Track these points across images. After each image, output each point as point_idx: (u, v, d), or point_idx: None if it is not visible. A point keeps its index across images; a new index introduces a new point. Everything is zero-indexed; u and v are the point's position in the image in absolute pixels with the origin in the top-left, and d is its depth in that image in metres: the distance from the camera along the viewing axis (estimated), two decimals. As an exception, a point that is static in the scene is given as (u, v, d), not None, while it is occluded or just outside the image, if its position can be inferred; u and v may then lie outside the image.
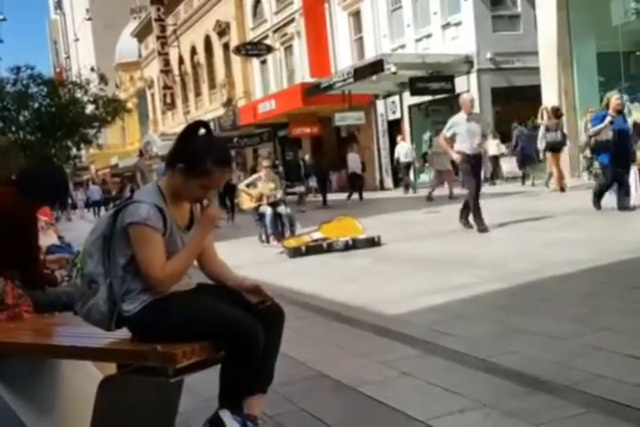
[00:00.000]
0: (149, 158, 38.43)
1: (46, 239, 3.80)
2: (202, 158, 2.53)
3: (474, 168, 9.00)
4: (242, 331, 2.42)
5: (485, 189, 17.42)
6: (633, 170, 11.68)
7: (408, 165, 20.27)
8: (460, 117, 9.14)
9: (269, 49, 29.94)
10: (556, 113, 14.27)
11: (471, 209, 8.91)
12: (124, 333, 2.56)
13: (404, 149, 20.07)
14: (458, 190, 14.80)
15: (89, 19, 56.20)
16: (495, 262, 6.42)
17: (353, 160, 19.97)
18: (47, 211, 5.36)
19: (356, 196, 19.41)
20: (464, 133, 8.93)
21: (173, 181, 2.58)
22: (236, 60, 32.80)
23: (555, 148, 13.84)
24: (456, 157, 8.98)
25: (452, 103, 22.38)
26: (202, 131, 2.62)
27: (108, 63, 47.43)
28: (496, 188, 17.79)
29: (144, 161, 36.45)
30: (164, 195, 2.57)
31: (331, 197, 19.92)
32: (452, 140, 9.17)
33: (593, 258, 5.98)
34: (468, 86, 20.68)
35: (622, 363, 3.24)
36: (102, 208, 28.97)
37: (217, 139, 2.86)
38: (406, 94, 22.28)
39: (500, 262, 6.37)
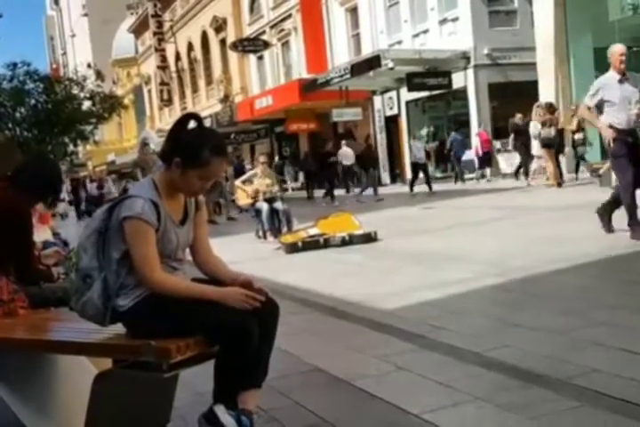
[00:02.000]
0: (146, 154, 38.35)
1: (40, 235, 3.80)
2: (198, 149, 2.54)
3: (631, 149, 6.49)
4: (236, 326, 2.42)
5: (480, 184, 17.60)
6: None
7: (350, 168, 20.94)
8: (610, 78, 6.62)
9: (266, 45, 29.90)
10: (550, 109, 14.30)
11: (625, 206, 6.57)
12: (118, 328, 2.57)
13: (347, 153, 20.27)
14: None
15: (85, 15, 56.05)
16: (491, 258, 6.43)
17: (417, 149, 18.13)
18: (47, 216, 5.32)
19: (412, 188, 17.49)
20: (617, 100, 6.48)
21: (170, 176, 2.59)
22: (233, 55, 32.76)
23: (549, 144, 13.86)
24: (608, 134, 6.47)
25: (448, 99, 22.47)
26: (192, 123, 2.62)
27: (104, 59, 47.36)
28: (487, 184, 17.87)
29: (143, 156, 36.30)
30: (159, 189, 2.58)
31: (387, 190, 18.70)
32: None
33: (589, 253, 5.99)
34: (465, 82, 20.71)
35: (617, 357, 3.24)
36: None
37: (209, 129, 2.86)
38: (403, 90, 22.28)
39: (497, 258, 6.38)
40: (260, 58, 32.02)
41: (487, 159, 19.04)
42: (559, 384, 2.94)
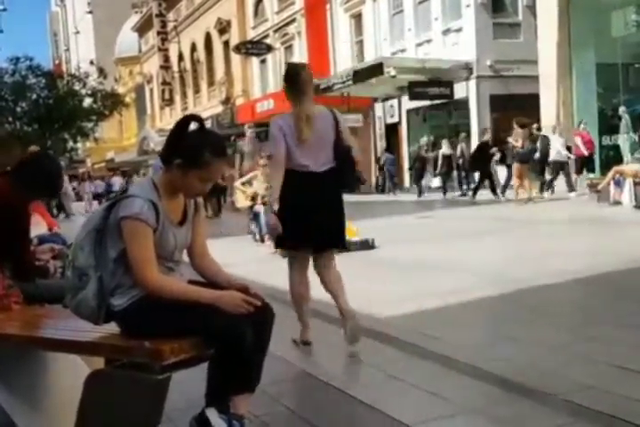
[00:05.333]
0: (145, 153, 38.37)
1: (34, 230, 3.77)
2: (199, 151, 2.54)
3: None
4: (230, 329, 2.41)
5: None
6: (628, 181, 11.78)
7: None
8: None
9: (269, 48, 29.94)
10: (520, 123, 14.44)
11: None
12: (112, 327, 2.55)
13: None
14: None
15: (90, 12, 56.08)
16: (488, 269, 6.42)
17: (557, 143, 15.15)
18: (52, 221, 5.24)
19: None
20: None
21: (171, 177, 2.58)
22: (236, 58, 32.79)
23: (522, 159, 13.98)
24: None
25: (449, 109, 22.50)
26: (193, 125, 2.62)
27: (107, 57, 47.36)
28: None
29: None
30: (159, 190, 2.57)
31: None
32: None
33: (584, 268, 5.99)
34: (466, 93, 20.74)
35: (610, 374, 3.23)
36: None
37: (210, 131, 2.85)
38: (405, 98, 22.31)
39: (493, 269, 6.38)
40: (263, 61, 32.05)
41: (587, 163, 15.75)
42: (552, 399, 2.93)
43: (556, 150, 15.03)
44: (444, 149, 18.69)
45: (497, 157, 16.27)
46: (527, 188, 14.07)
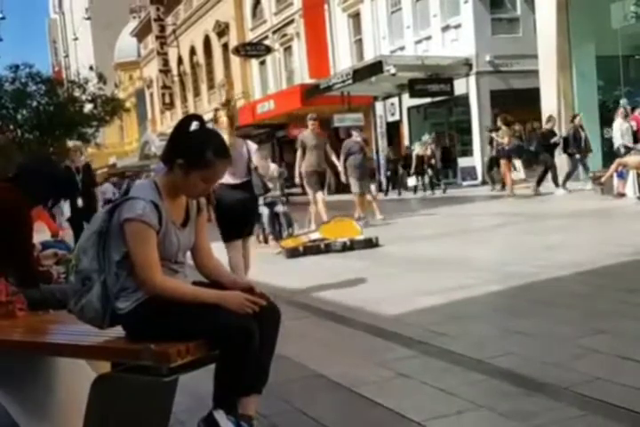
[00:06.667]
0: (147, 158, 38.42)
1: (38, 236, 3.76)
2: (201, 151, 2.51)
3: None
4: (236, 330, 2.38)
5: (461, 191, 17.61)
6: (631, 173, 11.74)
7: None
8: None
9: (269, 50, 29.95)
10: (505, 121, 14.56)
11: None
12: (117, 331, 2.53)
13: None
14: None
15: (88, 18, 56.17)
16: (492, 264, 6.40)
17: (622, 129, 13.91)
18: (56, 228, 5.23)
19: None
20: None
21: (173, 178, 2.56)
22: (235, 60, 32.82)
23: (508, 155, 14.18)
24: None
25: (450, 106, 22.47)
26: (195, 124, 2.60)
27: (106, 62, 47.48)
28: (464, 190, 18.02)
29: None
30: (161, 191, 2.55)
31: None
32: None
33: (589, 261, 5.97)
34: (467, 89, 20.71)
35: (618, 365, 3.22)
36: None
37: (212, 130, 2.83)
38: (405, 96, 22.30)
39: (497, 264, 6.36)
40: (263, 63, 32.07)
41: None
42: (562, 392, 2.91)
43: (620, 136, 13.97)
44: (417, 149, 19.66)
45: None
46: (509, 184, 14.34)
